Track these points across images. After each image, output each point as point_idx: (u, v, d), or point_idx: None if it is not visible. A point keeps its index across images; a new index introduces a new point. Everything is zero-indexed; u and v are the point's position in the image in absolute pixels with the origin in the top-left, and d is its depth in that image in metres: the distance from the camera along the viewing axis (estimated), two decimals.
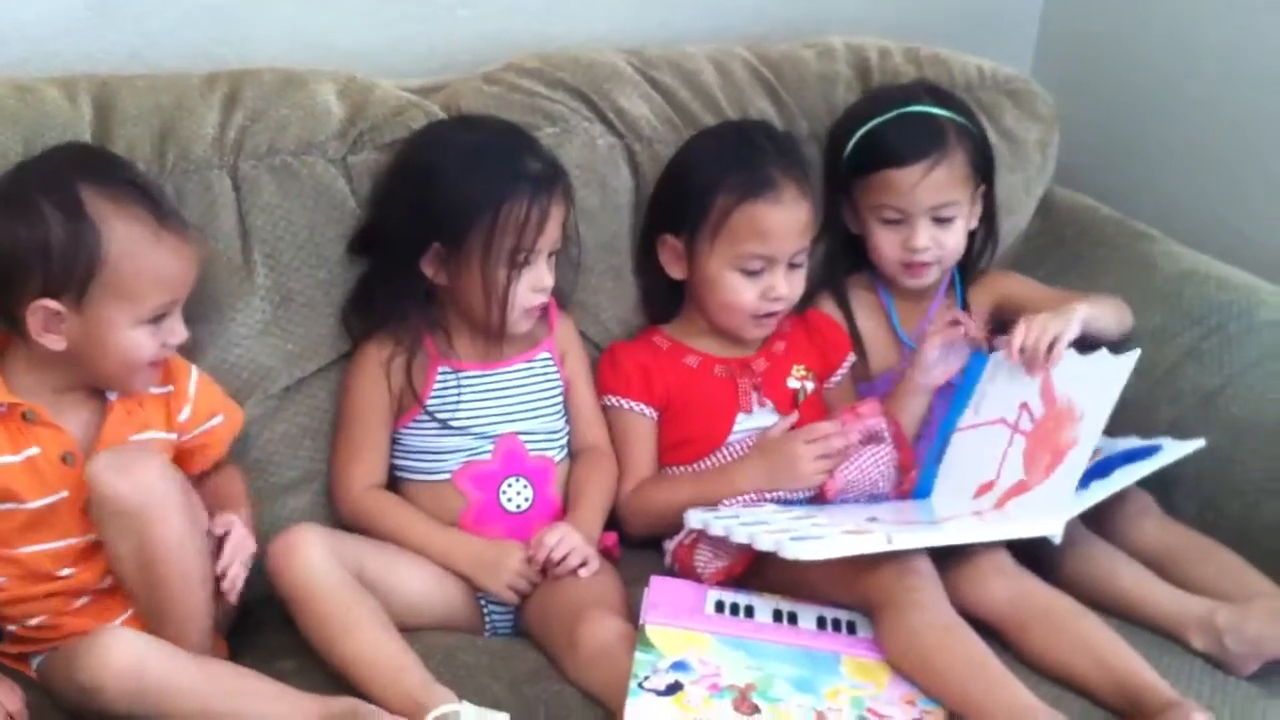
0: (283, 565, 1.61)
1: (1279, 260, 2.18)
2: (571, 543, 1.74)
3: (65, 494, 1.58)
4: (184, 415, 1.68)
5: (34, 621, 1.59)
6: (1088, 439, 1.76)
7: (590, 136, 1.99)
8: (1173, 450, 1.81)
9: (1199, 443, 1.81)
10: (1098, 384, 1.81)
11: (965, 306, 2.08)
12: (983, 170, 2.03)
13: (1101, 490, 1.74)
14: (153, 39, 1.95)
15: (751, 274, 1.89)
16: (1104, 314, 1.96)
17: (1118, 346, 1.87)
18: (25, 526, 1.57)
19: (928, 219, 1.97)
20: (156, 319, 1.57)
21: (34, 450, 1.57)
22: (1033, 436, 1.83)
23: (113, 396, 1.62)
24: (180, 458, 1.67)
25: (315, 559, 1.61)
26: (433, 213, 1.76)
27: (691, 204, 1.90)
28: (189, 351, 1.70)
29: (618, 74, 2.04)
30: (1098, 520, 1.79)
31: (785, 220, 1.87)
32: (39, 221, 1.50)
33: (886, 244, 2.00)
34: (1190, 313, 2.03)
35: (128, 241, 1.52)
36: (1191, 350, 1.99)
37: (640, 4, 2.24)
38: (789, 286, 1.90)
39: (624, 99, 2.02)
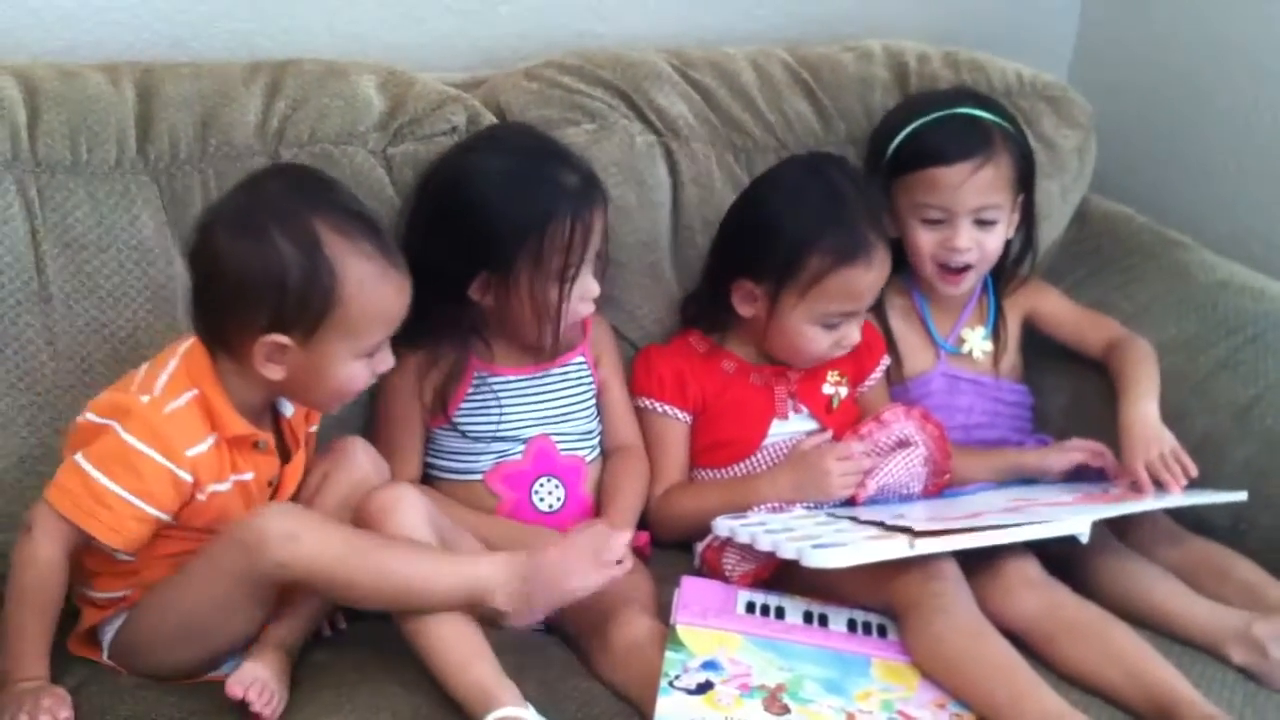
0: (380, 520, 1.57)
1: None
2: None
3: None
4: (314, 425, 1.71)
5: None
6: (1150, 503, 1.76)
7: (629, 134, 1.99)
8: (1215, 497, 1.81)
9: (1241, 495, 1.81)
10: (1189, 495, 1.82)
11: (999, 313, 2.08)
12: (1025, 178, 2.02)
13: (1138, 505, 1.74)
14: (194, 29, 1.96)
15: (831, 327, 1.88)
16: (1155, 377, 1.95)
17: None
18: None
19: (970, 220, 1.96)
20: (372, 351, 1.57)
21: (249, 475, 1.58)
22: (1096, 497, 1.83)
23: (288, 412, 1.64)
24: None
25: (414, 521, 1.58)
26: (478, 244, 1.75)
27: (782, 260, 1.85)
28: None
29: (657, 73, 2.04)
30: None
31: (876, 281, 1.87)
32: (275, 256, 1.48)
33: (926, 244, 1.99)
34: (1225, 323, 2.02)
35: (360, 280, 1.50)
36: (1226, 361, 1.98)
37: (681, 5, 2.24)
38: (860, 334, 1.91)
39: (663, 98, 2.03)
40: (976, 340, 2.07)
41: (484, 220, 1.74)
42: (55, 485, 1.49)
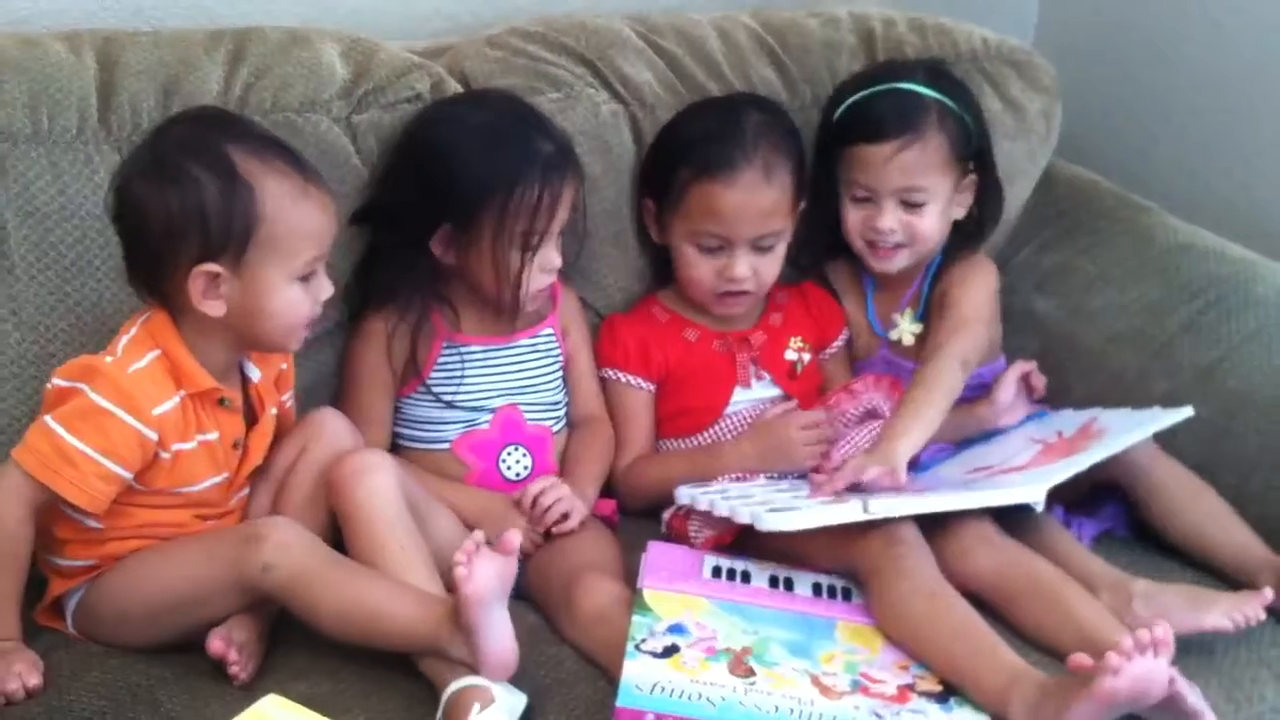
0: (353, 484, 1.58)
1: (1277, 234, 2.18)
2: (558, 492, 1.76)
3: (226, 475, 1.61)
4: (288, 396, 1.71)
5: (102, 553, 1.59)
6: (1100, 449, 1.76)
7: (594, 103, 1.98)
8: (1162, 418, 1.82)
9: (1187, 410, 1.81)
10: (1137, 420, 1.83)
11: (932, 290, 2.03)
12: (970, 157, 1.98)
13: (1087, 458, 1.74)
14: None
15: (709, 251, 1.89)
16: (929, 427, 1.79)
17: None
18: (183, 503, 1.59)
19: (895, 201, 1.93)
20: (306, 277, 1.56)
21: (214, 435, 1.58)
22: (1052, 448, 1.84)
23: (255, 377, 1.64)
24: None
25: (386, 486, 1.59)
26: (443, 195, 1.75)
27: (661, 172, 1.91)
28: None
29: (622, 40, 2.04)
30: None
31: (739, 203, 1.86)
32: (192, 186, 1.49)
33: (854, 222, 1.97)
34: (1188, 286, 2.03)
35: (279, 197, 1.51)
36: (1189, 323, 2.00)
37: None
38: (750, 269, 1.89)
39: (628, 65, 2.02)
40: (906, 325, 2.03)
41: (453, 169, 1.75)
42: (22, 445, 1.51)
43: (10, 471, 1.50)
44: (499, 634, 1.47)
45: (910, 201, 1.94)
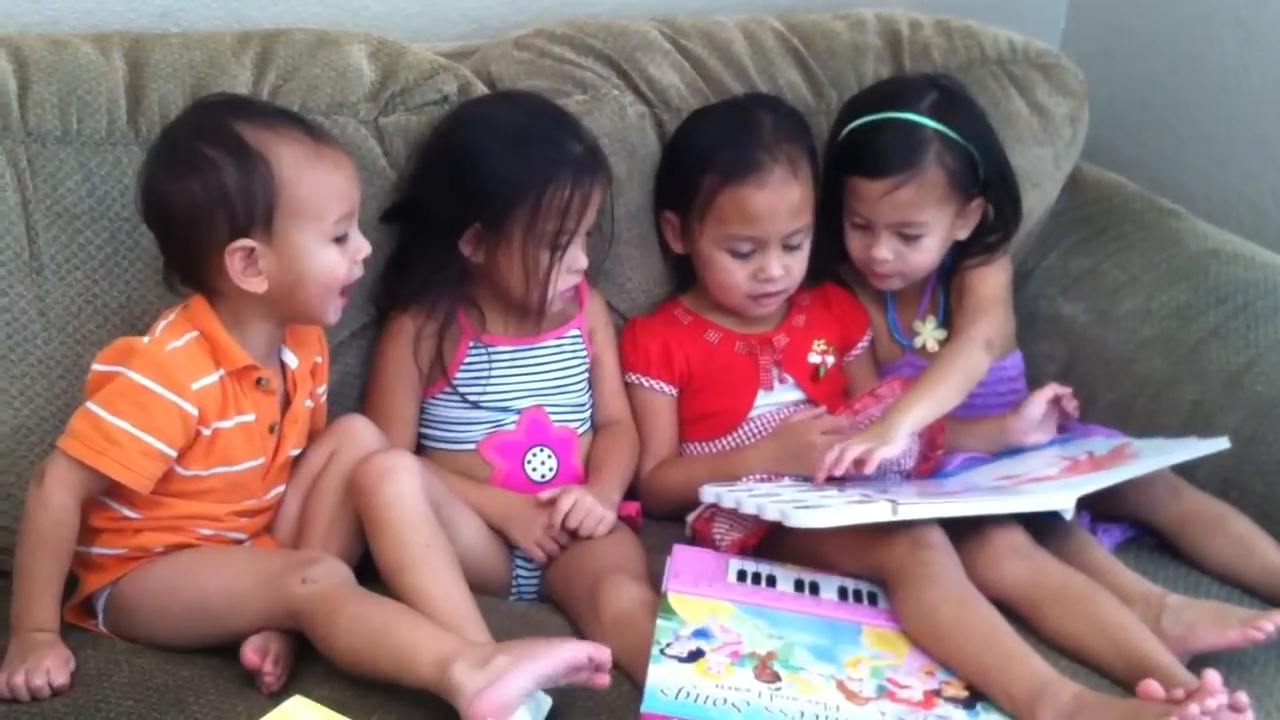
0: (377, 484, 1.59)
1: None
2: (584, 507, 1.75)
3: (263, 460, 1.63)
4: (322, 389, 1.73)
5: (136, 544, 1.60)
6: (1130, 469, 1.75)
7: (620, 105, 1.98)
8: (1198, 447, 1.81)
9: (1223, 441, 1.80)
10: (1171, 446, 1.82)
11: (948, 294, 2.05)
12: (974, 186, 1.94)
13: (1121, 473, 1.74)
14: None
15: (742, 255, 1.88)
16: (939, 405, 1.82)
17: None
18: (225, 487, 1.61)
19: (890, 232, 1.93)
20: (340, 238, 1.58)
21: (250, 417, 1.60)
22: (1080, 464, 1.83)
23: (292, 364, 1.66)
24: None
25: (411, 488, 1.60)
26: (474, 194, 1.76)
27: (683, 182, 1.90)
28: None
29: (648, 42, 2.04)
30: (1111, 489, 1.76)
31: (771, 203, 1.85)
32: (209, 168, 1.52)
33: (853, 245, 1.97)
34: (1216, 291, 2.02)
35: (294, 162, 1.55)
36: (1217, 329, 1.98)
37: None
38: (783, 268, 1.89)
39: (654, 67, 2.02)
40: (929, 332, 2.04)
41: (485, 169, 1.76)
42: (67, 433, 1.53)
43: (56, 460, 1.52)
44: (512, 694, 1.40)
45: (906, 234, 1.93)
